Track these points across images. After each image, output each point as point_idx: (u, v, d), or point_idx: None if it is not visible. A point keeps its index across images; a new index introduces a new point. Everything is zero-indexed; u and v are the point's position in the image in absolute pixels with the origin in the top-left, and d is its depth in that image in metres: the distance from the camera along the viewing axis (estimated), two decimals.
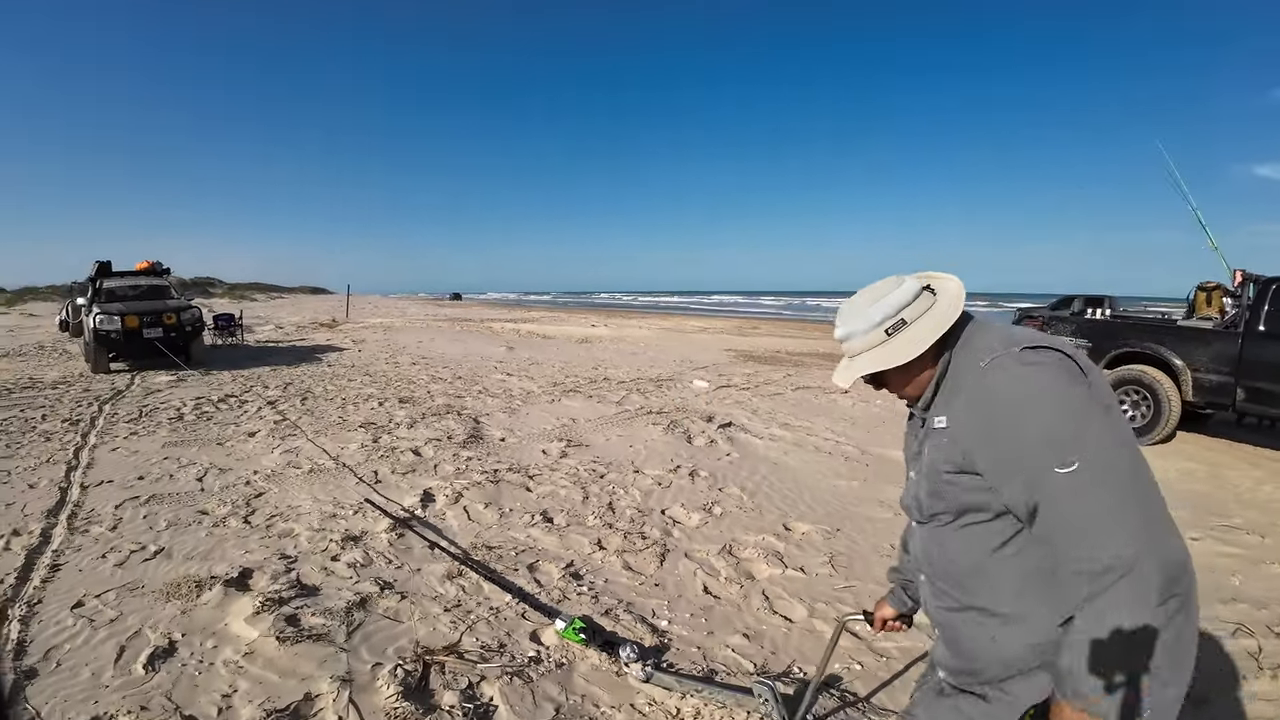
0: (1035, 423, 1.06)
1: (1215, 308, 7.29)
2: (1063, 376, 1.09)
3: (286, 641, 2.71)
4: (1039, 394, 1.08)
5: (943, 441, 1.21)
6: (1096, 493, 1.00)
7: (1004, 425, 1.10)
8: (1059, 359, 1.11)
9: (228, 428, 6.83)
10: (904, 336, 1.24)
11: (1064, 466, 1.02)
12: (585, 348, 15.81)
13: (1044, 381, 1.08)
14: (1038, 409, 1.07)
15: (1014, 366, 1.12)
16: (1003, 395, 1.11)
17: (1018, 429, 1.08)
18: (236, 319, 15.57)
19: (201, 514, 4.31)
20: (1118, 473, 1.01)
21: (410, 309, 38.06)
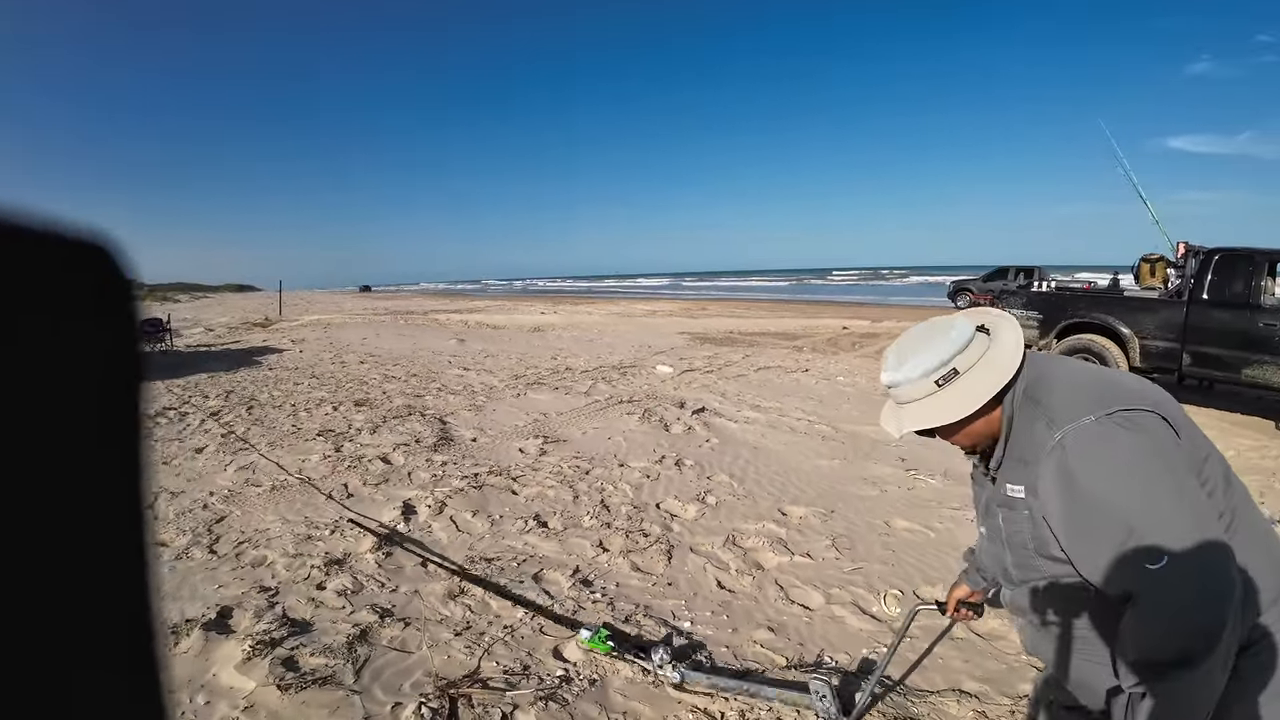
0: (1122, 516, 1.01)
1: (1159, 278, 7.64)
2: (1148, 453, 1.03)
3: (289, 689, 2.46)
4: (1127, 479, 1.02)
5: (1023, 515, 1.17)
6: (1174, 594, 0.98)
7: (1087, 521, 1.05)
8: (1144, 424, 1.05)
9: (171, 444, 6.32)
10: (956, 388, 1.15)
11: (1153, 564, 0.98)
12: (539, 336, 15.49)
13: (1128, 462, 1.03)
14: (1127, 500, 1.01)
15: (1094, 446, 1.04)
16: (1084, 486, 1.04)
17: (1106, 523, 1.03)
18: (164, 323, 14.57)
19: (160, 546, 3.94)
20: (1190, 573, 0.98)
21: (347, 303, 36.61)
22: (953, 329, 1.18)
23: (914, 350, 1.19)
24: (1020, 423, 1.15)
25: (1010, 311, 6.41)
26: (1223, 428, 6.27)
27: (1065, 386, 1.13)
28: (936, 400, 1.16)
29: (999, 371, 1.15)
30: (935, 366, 1.16)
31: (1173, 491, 1.01)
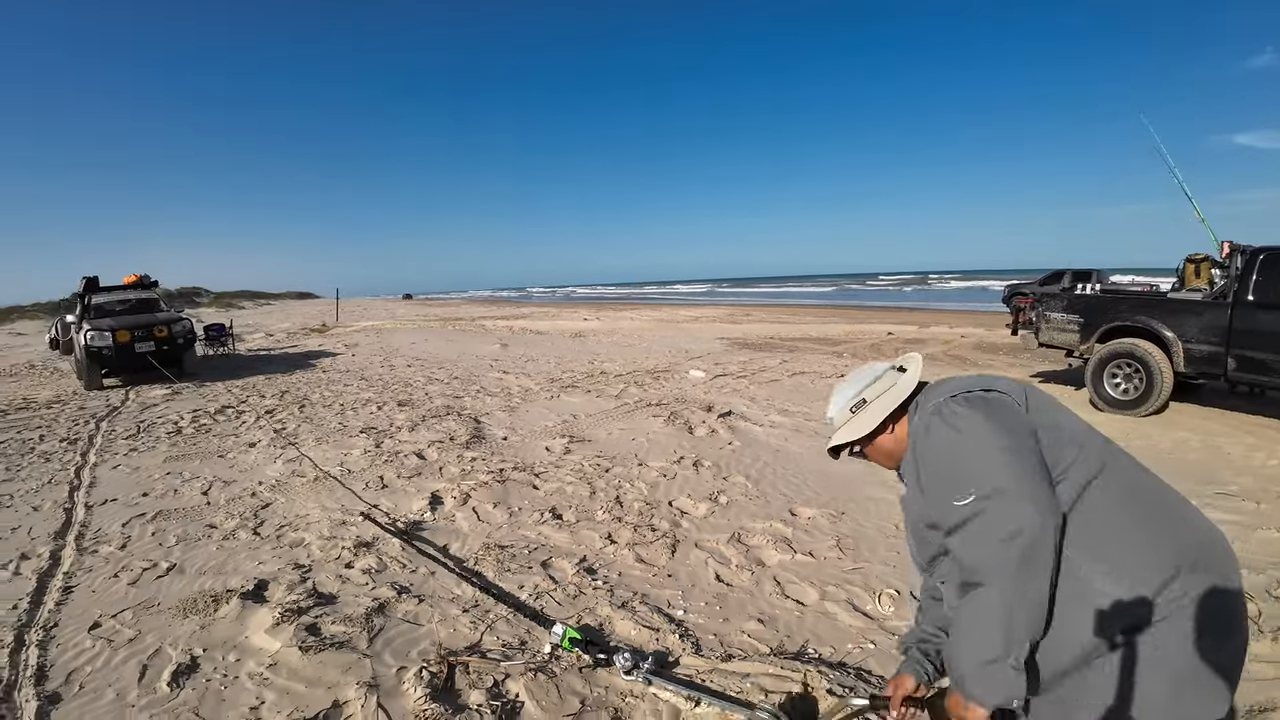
0: (942, 471, 1.28)
1: (1204, 279, 7.38)
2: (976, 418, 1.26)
3: (309, 650, 2.74)
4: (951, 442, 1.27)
5: (909, 501, 1.44)
6: (980, 522, 1.18)
7: (929, 483, 1.32)
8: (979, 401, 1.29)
9: (227, 439, 6.81)
10: (864, 412, 1.47)
11: (960, 500, 1.21)
12: (580, 342, 15.82)
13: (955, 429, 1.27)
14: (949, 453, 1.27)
15: (932, 422, 1.32)
16: (923, 454, 1.33)
17: (934, 480, 1.30)
18: (227, 328, 15.47)
19: (210, 527, 4.32)
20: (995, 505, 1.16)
21: (399, 310, 37.89)
22: (870, 371, 1.53)
23: (840, 389, 1.54)
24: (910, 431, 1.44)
25: (1050, 315, 6.27)
26: (1269, 435, 6.06)
27: (937, 390, 1.40)
28: (851, 423, 1.49)
29: (894, 396, 1.45)
30: (851, 398, 1.50)
31: (990, 446, 1.20)
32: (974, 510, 1.17)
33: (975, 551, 1.18)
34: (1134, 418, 6.78)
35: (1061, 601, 1.18)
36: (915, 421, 1.38)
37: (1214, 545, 1.22)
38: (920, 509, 1.38)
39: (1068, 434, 1.26)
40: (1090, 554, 1.18)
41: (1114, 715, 1.14)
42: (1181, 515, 1.24)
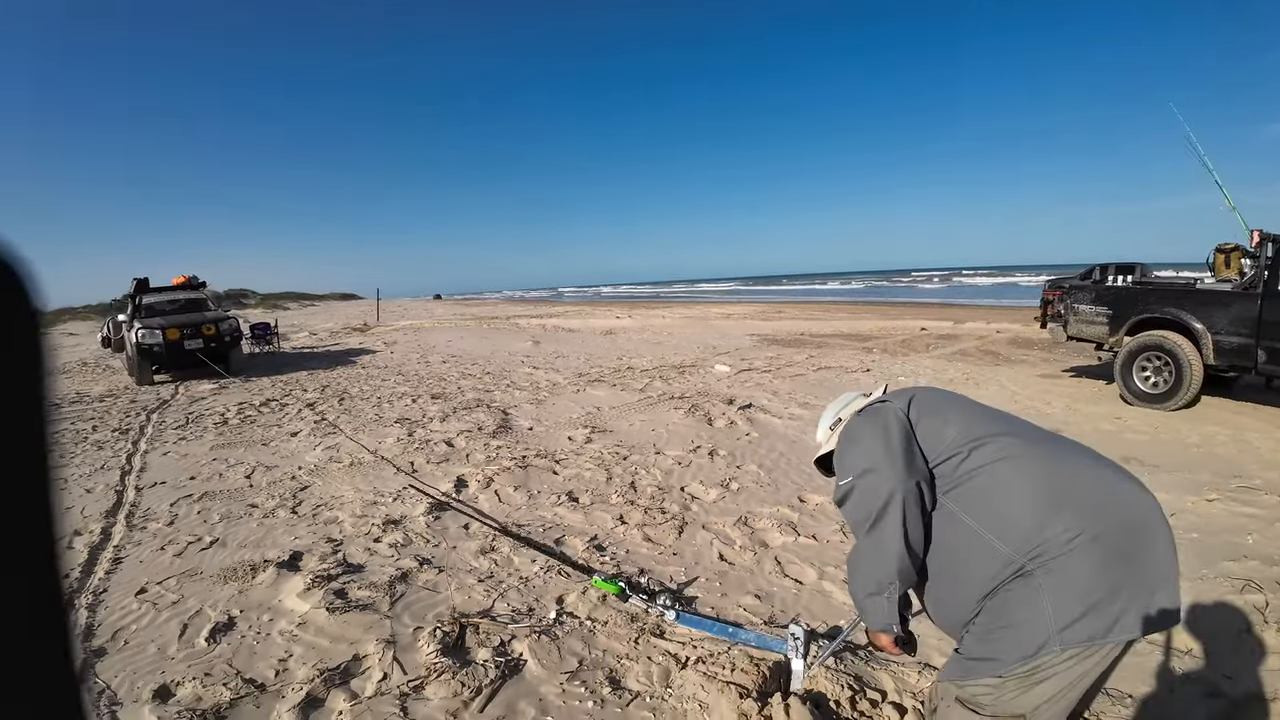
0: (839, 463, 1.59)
1: (1234, 269, 7.21)
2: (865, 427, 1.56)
3: (336, 612, 2.99)
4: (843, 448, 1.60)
5: None
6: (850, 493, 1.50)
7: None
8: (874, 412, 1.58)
9: (271, 429, 7.20)
10: (841, 430, 1.70)
11: (841, 479, 1.55)
12: (610, 339, 16.05)
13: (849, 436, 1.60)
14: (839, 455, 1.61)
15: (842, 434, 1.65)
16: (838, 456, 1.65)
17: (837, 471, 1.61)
18: (272, 327, 16.10)
19: (251, 507, 4.63)
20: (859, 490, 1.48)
21: (437, 310, 38.71)
22: (846, 397, 1.83)
23: (824, 415, 1.84)
24: None
25: (1078, 307, 6.23)
26: None
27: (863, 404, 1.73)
28: (831, 440, 1.74)
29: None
30: (830, 420, 1.79)
31: (869, 447, 1.50)
32: (846, 488, 1.52)
33: (849, 515, 1.53)
34: (1163, 411, 6.68)
35: (963, 548, 1.42)
36: None
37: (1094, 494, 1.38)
38: None
39: (953, 424, 1.53)
40: (976, 511, 1.41)
41: (1019, 635, 1.32)
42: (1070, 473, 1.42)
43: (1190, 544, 3.53)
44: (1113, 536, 1.32)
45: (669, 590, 2.99)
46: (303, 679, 2.56)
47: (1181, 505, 4.07)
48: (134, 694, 2.52)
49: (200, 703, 2.45)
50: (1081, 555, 1.30)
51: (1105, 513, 1.35)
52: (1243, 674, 2.48)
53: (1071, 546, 1.31)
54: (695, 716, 2.28)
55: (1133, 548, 1.32)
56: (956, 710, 1.42)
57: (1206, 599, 3.01)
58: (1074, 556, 1.30)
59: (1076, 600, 1.28)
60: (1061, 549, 1.31)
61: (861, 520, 1.46)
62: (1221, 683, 2.42)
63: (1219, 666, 2.52)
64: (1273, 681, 2.43)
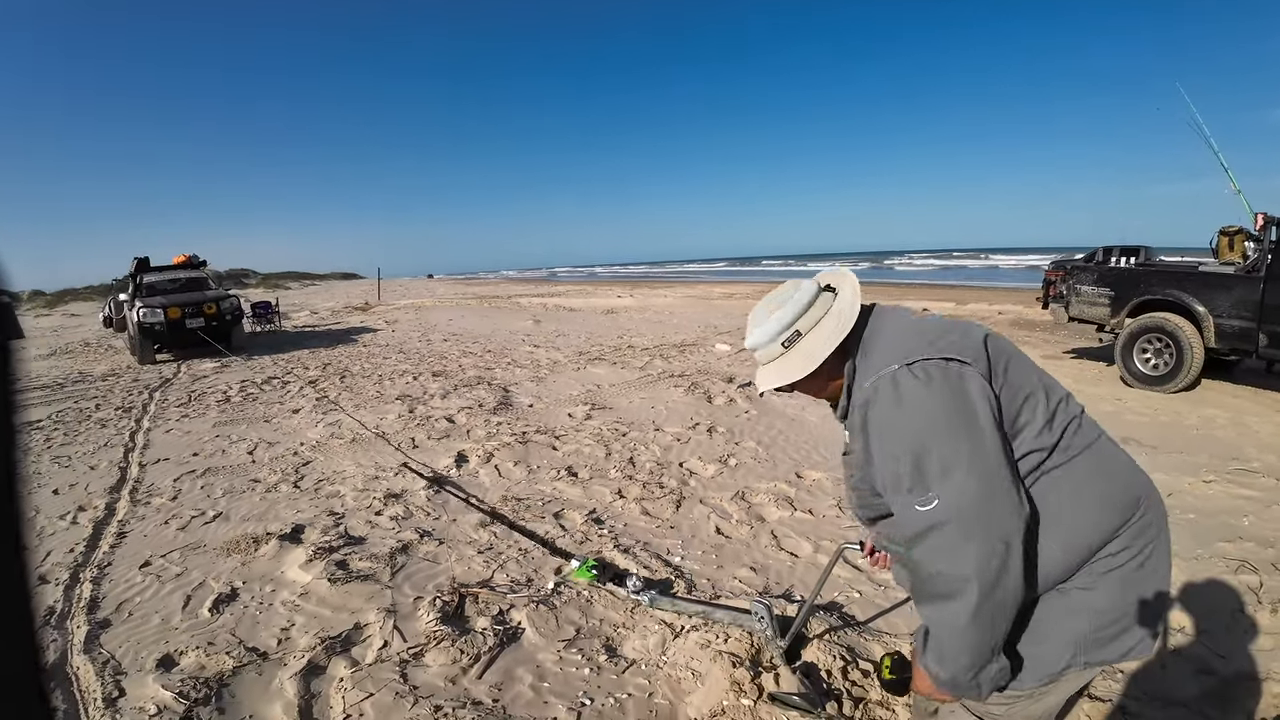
0: (903, 458, 1.11)
1: (1238, 252, 7.16)
2: (933, 398, 1.10)
3: (337, 582, 3.04)
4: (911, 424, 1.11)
5: (853, 460, 1.30)
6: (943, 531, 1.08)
7: (881, 456, 1.16)
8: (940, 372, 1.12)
9: (273, 406, 7.23)
10: (799, 350, 1.25)
11: (923, 505, 1.09)
12: (611, 318, 16.03)
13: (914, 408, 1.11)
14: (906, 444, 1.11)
15: (889, 393, 1.13)
16: (878, 425, 1.15)
17: (888, 462, 1.14)
18: (273, 306, 16.12)
19: (254, 482, 4.67)
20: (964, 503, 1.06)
21: (439, 289, 38.66)
22: (798, 291, 1.28)
23: (766, 315, 1.29)
24: (856, 374, 1.25)
25: (1080, 288, 6.19)
26: None
27: (888, 338, 1.22)
28: (785, 361, 1.27)
29: (836, 331, 1.23)
30: (781, 330, 1.26)
31: (956, 444, 1.08)
32: (937, 520, 1.08)
33: (939, 564, 1.09)
34: (1163, 394, 6.68)
35: None
36: (864, 376, 1.20)
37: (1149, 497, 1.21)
38: (865, 474, 1.27)
39: (1040, 403, 1.18)
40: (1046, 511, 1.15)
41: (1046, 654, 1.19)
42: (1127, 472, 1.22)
43: (1187, 525, 3.55)
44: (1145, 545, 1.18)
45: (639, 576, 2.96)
46: (304, 647, 2.61)
47: (1179, 487, 4.09)
48: (138, 664, 2.56)
49: (204, 671, 2.50)
50: (1125, 573, 1.16)
51: (1145, 518, 1.18)
52: (1235, 653, 2.50)
53: (1119, 563, 1.16)
54: (689, 684, 2.32)
55: (1152, 555, 1.19)
56: (962, 715, 1.29)
57: (1201, 579, 3.03)
58: (1119, 574, 1.16)
59: (1113, 623, 1.16)
60: (1111, 566, 1.16)
61: (957, 576, 1.06)
62: (1214, 661, 2.45)
63: (1212, 645, 2.54)
64: (1265, 661, 2.45)
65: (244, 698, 2.35)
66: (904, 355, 1.15)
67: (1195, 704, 2.22)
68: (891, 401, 1.13)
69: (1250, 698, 2.29)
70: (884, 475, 1.16)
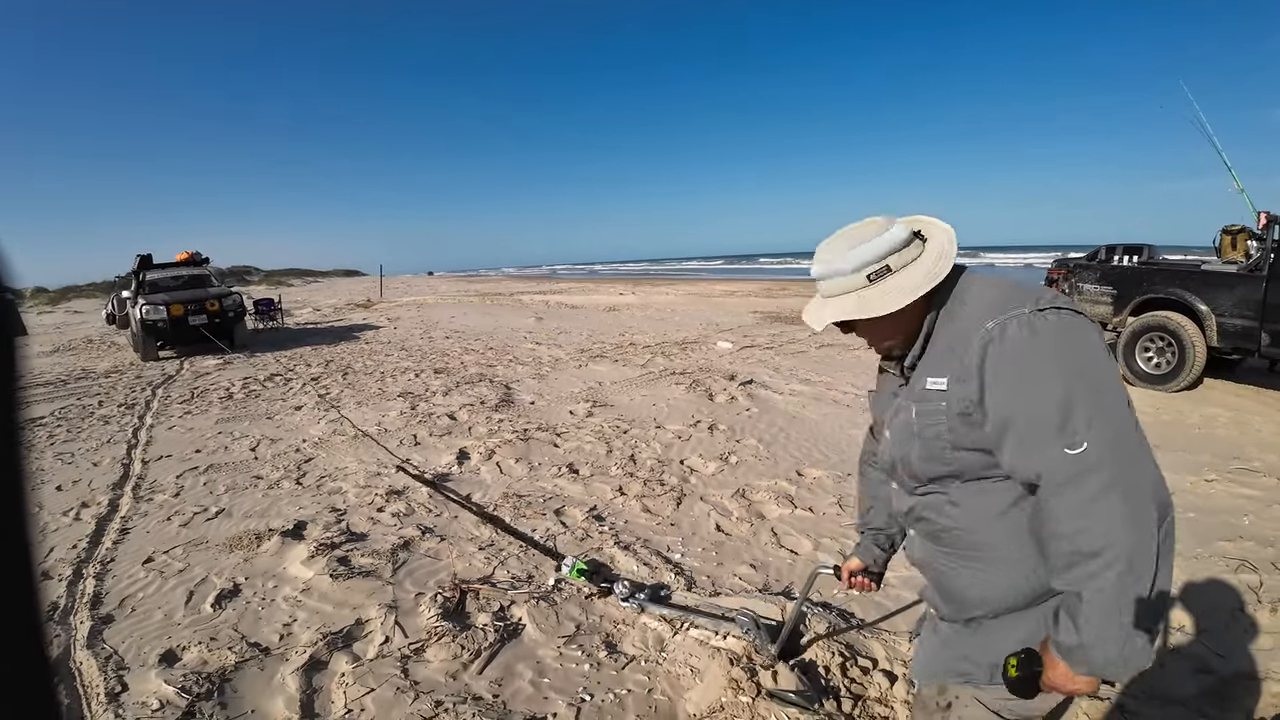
0: (1048, 400, 1.02)
1: (1240, 251, 7.15)
2: (1080, 344, 1.05)
3: (339, 578, 3.06)
4: (1055, 365, 1.04)
5: (940, 406, 1.15)
6: (1098, 479, 1.00)
7: (1015, 395, 1.05)
8: (1079, 321, 1.07)
9: (275, 403, 7.25)
10: (888, 285, 1.16)
11: (1072, 448, 1.00)
12: (613, 315, 16.04)
13: (1056, 350, 1.04)
14: (1053, 383, 1.03)
15: (1027, 330, 1.06)
16: (1017, 364, 1.05)
17: (1031, 404, 1.04)
18: (276, 303, 16.13)
19: (256, 479, 4.69)
20: (1113, 460, 1.00)
21: (441, 286, 38.70)
22: (891, 228, 1.19)
23: (849, 245, 1.19)
24: (946, 319, 1.17)
25: (1082, 287, 6.19)
26: None
27: (991, 290, 1.17)
28: (866, 294, 1.17)
29: (929, 273, 1.16)
30: (869, 261, 1.16)
31: (1105, 378, 1.04)
32: (1088, 465, 1.00)
33: (1087, 515, 1.00)
34: (1165, 392, 6.67)
35: None
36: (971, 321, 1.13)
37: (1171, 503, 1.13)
38: (956, 423, 1.14)
39: None
40: None
41: None
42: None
43: (1187, 523, 3.55)
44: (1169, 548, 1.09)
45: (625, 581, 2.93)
46: (306, 643, 2.62)
47: (1181, 485, 4.09)
48: (141, 659, 2.58)
49: (206, 666, 2.51)
50: None
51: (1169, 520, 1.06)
52: (1235, 652, 2.51)
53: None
54: (688, 681, 2.33)
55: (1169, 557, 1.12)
56: (976, 710, 1.24)
57: (1201, 578, 3.04)
58: None
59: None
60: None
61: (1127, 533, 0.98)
62: (1213, 659, 2.45)
63: (1211, 644, 2.55)
64: (1264, 661, 2.46)
65: (246, 693, 2.37)
66: (1024, 303, 1.09)
67: (1194, 702, 2.23)
68: (1028, 342, 1.05)
69: (1249, 696, 2.30)
70: (1016, 417, 1.06)
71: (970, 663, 1.24)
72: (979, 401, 1.09)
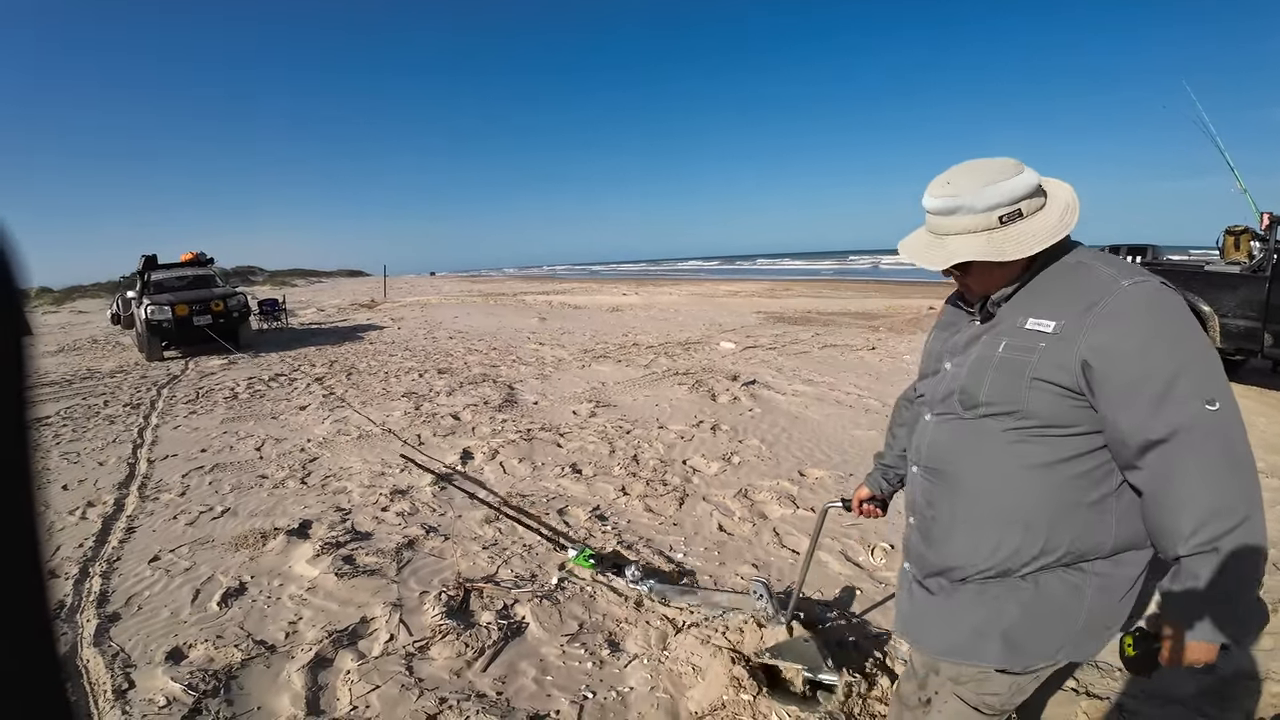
0: (1193, 356, 1.05)
1: (1243, 252, 7.14)
2: (1194, 324, 1.09)
3: (344, 577, 3.08)
4: (1193, 329, 1.08)
5: (1039, 345, 1.12)
6: (1231, 436, 1.03)
7: (1160, 349, 1.05)
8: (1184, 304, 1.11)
9: (280, 403, 7.29)
10: (1020, 230, 1.13)
11: (1211, 404, 1.02)
12: (616, 316, 16.06)
13: (1192, 320, 1.09)
14: (1194, 343, 1.06)
15: (1168, 297, 1.09)
16: (1160, 321, 1.06)
17: (1174, 357, 1.05)
18: (280, 303, 16.19)
19: (261, 478, 4.72)
20: (1241, 423, 1.05)
21: (445, 286, 38.77)
22: (1023, 172, 1.15)
23: (982, 182, 1.14)
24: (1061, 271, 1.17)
25: None
26: None
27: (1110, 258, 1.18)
28: (995, 236, 1.14)
29: (1059, 224, 1.15)
30: (1005, 202, 1.13)
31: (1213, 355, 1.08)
32: (1226, 420, 1.03)
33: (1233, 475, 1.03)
34: None
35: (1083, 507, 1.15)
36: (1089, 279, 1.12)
37: None
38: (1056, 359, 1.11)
39: None
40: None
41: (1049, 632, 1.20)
42: None
43: None
44: None
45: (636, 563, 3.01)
46: (312, 640, 2.65)
47: None
48: (148, 656, 2.61)
49: (212, 663, 2.54)
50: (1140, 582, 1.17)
51: None
52: (1235, 652, 2.52)
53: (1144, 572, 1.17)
54: (690, 679, 2.35)
55: None
56: (955, 704, 1.27)
57: None
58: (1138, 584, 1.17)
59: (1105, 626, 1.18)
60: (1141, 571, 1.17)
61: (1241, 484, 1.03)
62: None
63: None
64: (1265, 661, 2.46)
65: (252, 690, 2.39)
66: (1147, 274, 1.11)
67: (1193, 702, 2.24)
68: (1165, 305, 1.08)
69: (1249, 696, 2.30)
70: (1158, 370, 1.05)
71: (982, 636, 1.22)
72: (1106, 348, 1.07)
